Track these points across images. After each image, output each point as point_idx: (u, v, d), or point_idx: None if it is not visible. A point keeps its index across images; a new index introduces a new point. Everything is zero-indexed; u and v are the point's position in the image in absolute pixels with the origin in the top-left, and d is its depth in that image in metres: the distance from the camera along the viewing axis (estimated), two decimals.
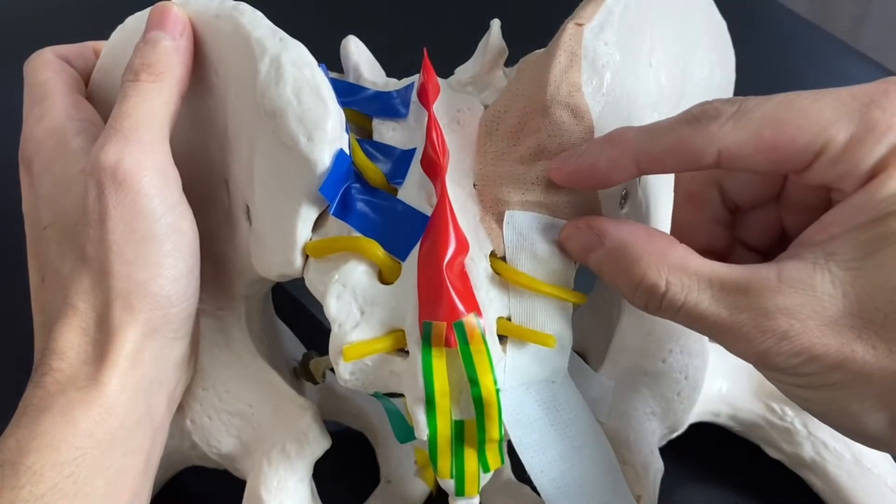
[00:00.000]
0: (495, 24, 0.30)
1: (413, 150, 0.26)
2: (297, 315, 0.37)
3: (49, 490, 0.23)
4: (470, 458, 0.25)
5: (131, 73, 0.26)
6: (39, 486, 0.23)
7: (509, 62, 0.29)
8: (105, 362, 0.25)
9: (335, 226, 0.25)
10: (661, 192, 0.29)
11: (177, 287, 0.26)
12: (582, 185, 0.24)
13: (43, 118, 0.28)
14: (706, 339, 0.32)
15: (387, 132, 0.27)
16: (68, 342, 0.25)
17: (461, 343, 0.23)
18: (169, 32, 0.26)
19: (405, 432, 0.26)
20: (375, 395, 0.26)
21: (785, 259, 0.21)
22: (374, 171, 0.26)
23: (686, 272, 0.22)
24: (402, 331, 0.24)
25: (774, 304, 0.20)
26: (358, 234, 0.25)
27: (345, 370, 0.24)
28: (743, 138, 0.21)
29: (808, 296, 0.20)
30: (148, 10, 0.27)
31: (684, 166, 0.22)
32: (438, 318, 0.23)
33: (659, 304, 0.22)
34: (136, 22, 0.29)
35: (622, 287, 0.23)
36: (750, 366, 0.32)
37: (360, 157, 0.26)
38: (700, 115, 0.21)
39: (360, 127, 0.28)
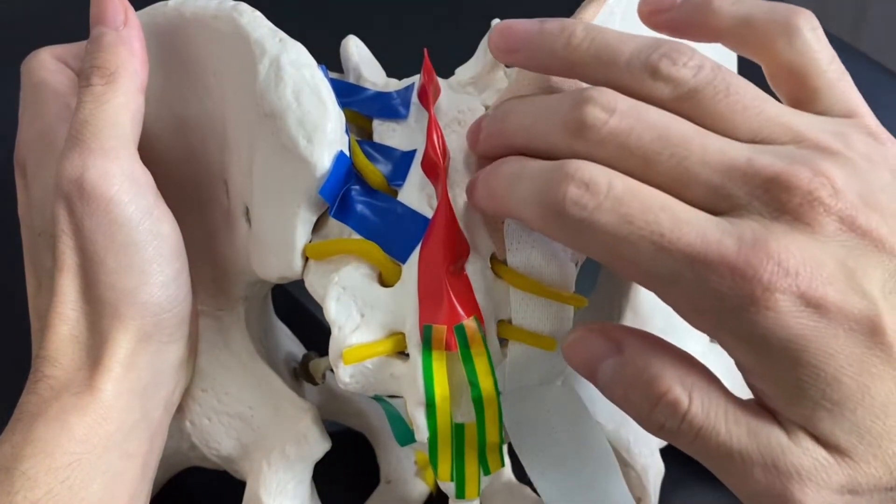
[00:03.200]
0: (496, 24, 0.30)
1: (413, 152, 0.26)
2: (297, 316, 0.37)
3: (44, 495, 0.23)
4: (470, 460, 0.25)
5: (83, 78, 0.25)
6: (34, 491, 0.23)
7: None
8: (99, 368, 0.24)
9: (335, 228, 0.25)
10: None
11: (166, 293, 0.25)
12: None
13: (35, 120, 0.28)
14: (706, 339, 0.32)
15: (387, 133, 0.27)
16: (60, 350, 0.25)
17: (462, 346, 0.23)
18: (110, 24, 0.26)
19: (405, 435, 0.26)
20: (375, 397, 0.26)
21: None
22: (375, 172, 0.26)
23: (710, 396, 0.20)
24: (403, 334, 0.24)
25: (788, 463, 0.19)
26: (358, 237, 0.25)
27: (345, 373, 0.24)
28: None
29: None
30: (147, 9, 0.27)
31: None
32: (439, 322, 0.23)
33: (679, 422, 0.20)
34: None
35: (638, 402, 0.20)
36: None
37: (361, 159, 0.26)
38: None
39: (360, 128, 0.28)
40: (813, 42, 0.21)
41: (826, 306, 0.18)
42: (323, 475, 0.29)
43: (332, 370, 0.25)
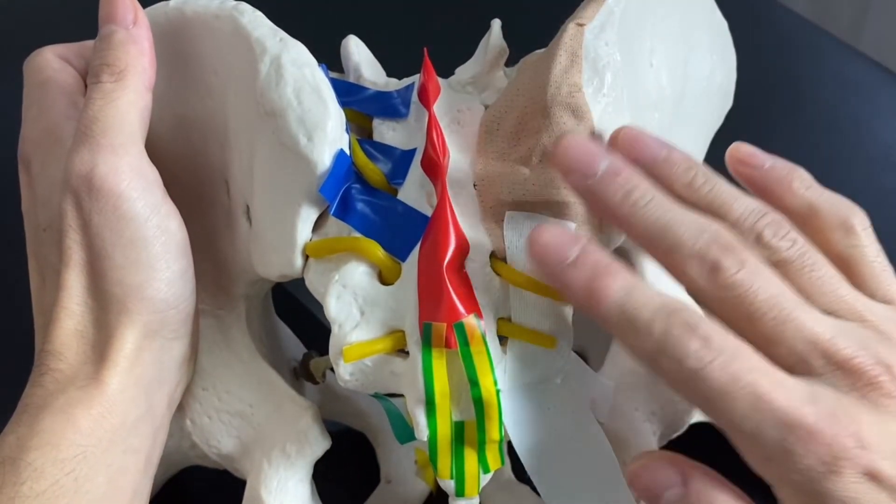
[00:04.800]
0: (496, 25, 0.30)
1: (413, 151, 0.26)
2: (297, 315, 0.37)
3: (50, 487, 0.23)
4: (470, 458, 0.25)
5: (93, 76, 0.26)
6: (40, 482, 0.23)
7: (510, 62, 0.29)
8: (105, 362, 0.25)
9: (335, 226, 0.25)
10: None
11: (173, 289, 0.26)
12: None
13: (40, 118, 0.28)
14: None
15: (387, 132, 0.27)
16: (65, 344, 0.25)
17: (461, 344, 0.23)
18: (120, 23, 0.26)
19: (405, 433, 0.26)
20: (375, 395, 0.26)
21: None
22: (375, 171, 0.26)
23: None
24: (403, 331, 0.24)
25: None
26: (358, 235, 0.25)
27: (345, 371, 0.24)
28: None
29: None
30: (148, 9, 0.27)
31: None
32: (439, 319, 0.23)
33: None
34: None
35: None
36: None
37: (361, 158, 0.26)
38: (668, 348, 0.21)
39: (360, 127, 0.28)
40: (864, 238, 0.25)
41: (882, 478, 0.21)
42: (323, 474, 0.29)
43: (332, 369, 0.25)
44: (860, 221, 0.25)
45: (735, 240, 0.22)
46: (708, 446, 0.35)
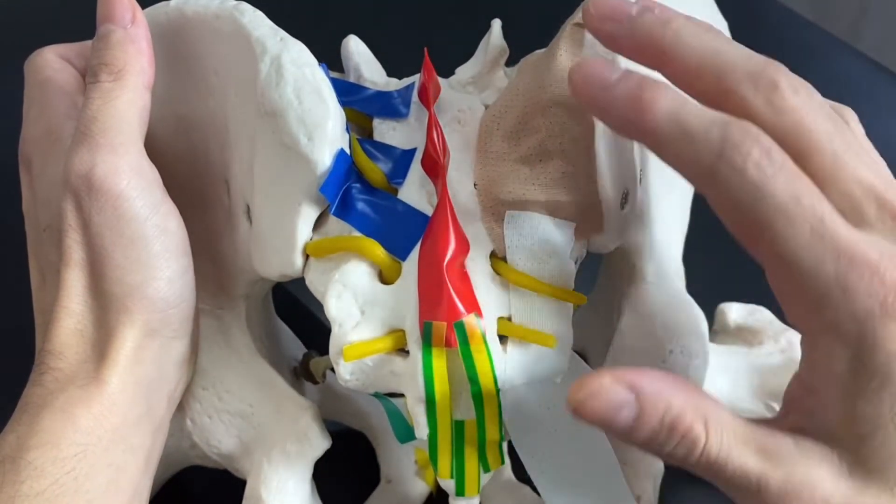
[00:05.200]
0: (496, 24, 0.30)
1: (414, 150, 0.26)
2: (297, 315, 0.37)
3: (50, 486, 0.23)
4: (470, 458, 0.25)
5: (91, 75, 0.26)
6: (40, 481, 0.23)
7: (510, 62, 0.29)
8: (105, 361, 0.25)
9: (336, 226, 0.25)
10: (663, 192, 0.29)
11: (173, 289, 0.26)
12: (583, 104, 0.23)
13: (41, 118, 0.28)
14: (706, 339, 0.32)
15: (387, 132, 0.27)
16: (65, 343, 0.25)
17: (461, 343, 0.23)
18: (118, 22, 0.26)
19: (405, 432, 0.26)
20: (375, 395, 0.26)
21: (798, 430, 0.21)
22: (375, 170, 0.26)
23: (723, 425, 0.21)
24: (403, 331, 0.24)
25: (801, 474, 0.21)
26: (358, 234, 0.25)
27: (345, 370, 0.24)
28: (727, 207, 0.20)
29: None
30: (148, 9, 0.27)
31: (680, 170, 0.21)
32: (439, 318, 0.23)
33: (698, 456, 0.21)
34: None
35: (659, 442, 0.21)
36: (750, 365, 0.32)
37: (361, 157, 0.26)
38: (726, 153, 0.20)
39: (360, 126, 0.28)
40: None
41: None
42: (323, 474, 0.29)
43: (332, 369, 0.25)
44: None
45: (785, 69, 0.21)
46: None
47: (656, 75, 0.22)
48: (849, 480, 0.21)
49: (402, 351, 0.24)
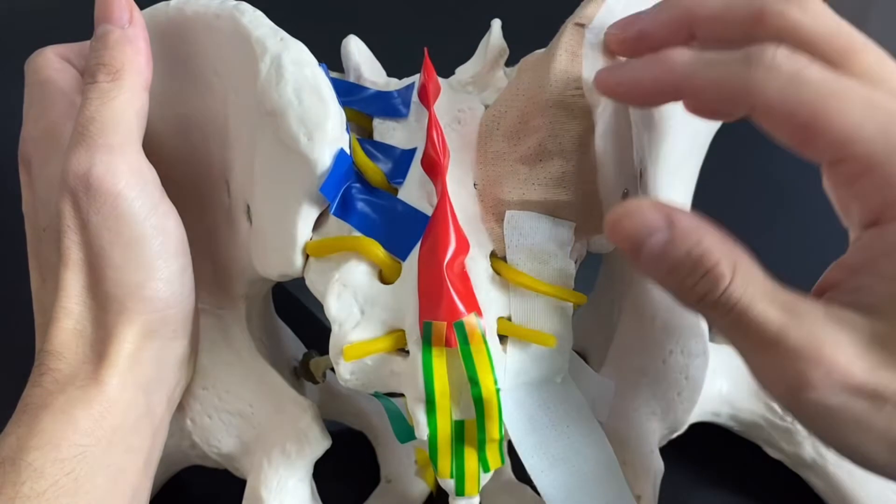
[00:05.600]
0: (496, 24, 0.30)
1: (414, 150, 0.26)
2: (297, 315, 0.37)
3: (50, 487, 0.23)
4: (470, 457, 0.25)
5: (89, 75, 0.26)
6: (40, 482, 0.23)
7: (510, 62, 0.29)
8: (104, 362, 0.25)
9: (335, 225, 0.25)
10: (663, 191, 0.29)
11: (171, 288, 0.26)
12: (618, 98, 0.24)
13: (41, 118, 0.28)
14: (706, 339, 0.32)
15: (387, 132, 0.27)
16: (65, 344, 0.25)
17: (461, 343, 0.23)
18: (116, 22, 0.26)
19: (405, 432, 0.26)
20: (375, 394, 0.26)
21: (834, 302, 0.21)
22: (375, 170, 0.26)
23: (751, 274, 0.20)
24: (403, 330, 0.24)
25: (826, 334, 0.20)
26: (358, 234, 0.25)
27: (345, 370, 0.24)
28: (779, 107, 0.20)
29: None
30: (149, 9, 0.27)
31: (720, 108, 0.22)
32: (439, 318, 0.23)
33: (718, 296, 0.20)
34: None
35: (683, 274, 0.21)
36: None
37: (361, 157, 0.26)
38: (754, 59, 0.20)
39: (360, 126, 0.28)
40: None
41: None
42: (323, 474, 0.29)
43: (332, 369, 0.25)
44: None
45: None
46: (708, 446, 0.35)
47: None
48: (879, 352, 0.20)
49: (402, 351, 0.24)
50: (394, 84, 0.29)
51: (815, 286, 0.23)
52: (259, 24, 0.25)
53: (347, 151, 0.25)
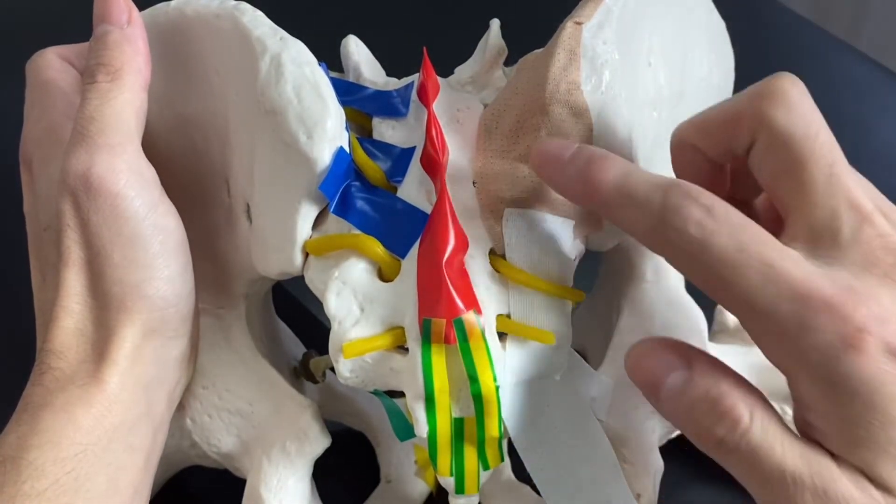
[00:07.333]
0: (495, 24, 0.30)
1: (413, 149, 0.26)
2: (297, 315, 0.37)
3: (50, 485, 0.23)
4: (470, 455, 0.25)
5: (88, 76, 0.26)
6: (41, 481, 0.23)
7: (509, 61, 0.29)
8: (105, 361, 0.25)
9: (335, 224, 0.25)
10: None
11: (172, 287, 0.26)
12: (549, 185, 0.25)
13: (42, 118, 0.28)
14: (706, 338, 0.32)
15: (387, 131, 0.27)
16: (65, 343, 0.25)
17: (461, 340, 0.23)
18: (115, 22, 0.26)
19: (405, 430, 0.26)
20: (375, 392, 0.26)
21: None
22: (374, 169, 0.26)
23: (769, 418, 0.21)
24: (402, 328, 0.24)
25: (839, 492, 0.20)
26: (358, 232, 0.25)
27: (344, 367, 0.24)
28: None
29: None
30: (149, 9, 0.28)
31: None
32: (438, 315, 0.23)
33: (739, 438, 0.21)
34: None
35: (700, 416, 0.21)
36: (750, 365, 0.32)
37: (360, 156, 0.26)
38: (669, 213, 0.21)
39: (360, 126, 0.28)
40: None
41: None
42: (323, 474, 0.29)
43: (332, 368, 0.25)
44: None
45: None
46: None
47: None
48: (878, 497, 0.20)
49: (402, 348, 0.24)
50: (393, 83, 0.29)
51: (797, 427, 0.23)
52: (259, 23, 0.25)
53: (347, 150, 0.25)
